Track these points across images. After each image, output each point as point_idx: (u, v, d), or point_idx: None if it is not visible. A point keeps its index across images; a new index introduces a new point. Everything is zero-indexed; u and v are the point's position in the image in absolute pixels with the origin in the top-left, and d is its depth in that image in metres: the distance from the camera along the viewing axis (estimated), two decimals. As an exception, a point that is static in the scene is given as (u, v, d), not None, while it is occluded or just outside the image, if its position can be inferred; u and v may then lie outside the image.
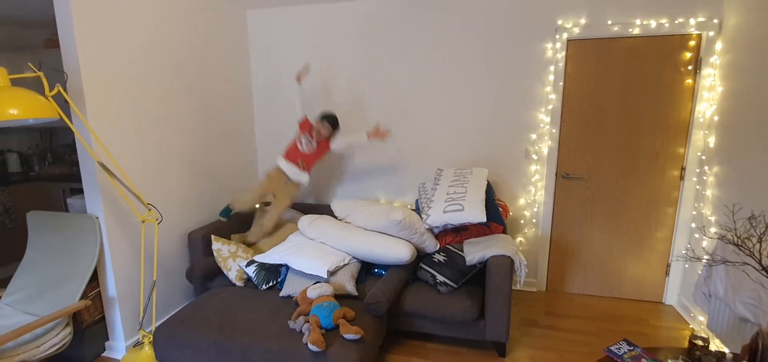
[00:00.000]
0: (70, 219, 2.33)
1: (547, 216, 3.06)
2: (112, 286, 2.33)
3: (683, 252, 2.86)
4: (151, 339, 2.32)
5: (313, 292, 2.25)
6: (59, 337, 2.10)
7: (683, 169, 2.81)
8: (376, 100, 3.20)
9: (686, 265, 2.85)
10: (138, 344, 2.44)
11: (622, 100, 2.82)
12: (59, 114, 1.96)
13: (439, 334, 2.42)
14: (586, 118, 2.90)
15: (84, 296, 2.20)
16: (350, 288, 2.39)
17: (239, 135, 3.35)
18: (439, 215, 2.43)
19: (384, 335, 2.31)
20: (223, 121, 3.15)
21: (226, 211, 2.88)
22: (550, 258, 3.15)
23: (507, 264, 2.21)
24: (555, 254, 3.14)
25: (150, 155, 2.52)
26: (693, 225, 2.79)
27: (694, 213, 2.79)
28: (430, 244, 2.52)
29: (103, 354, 2.45)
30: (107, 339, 2.45)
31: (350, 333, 1.96)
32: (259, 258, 2.61)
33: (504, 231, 2.59)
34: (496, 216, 2.51)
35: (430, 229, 2.56)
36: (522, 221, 3.10)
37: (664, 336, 2.60)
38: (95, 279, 2.35)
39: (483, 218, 2.31)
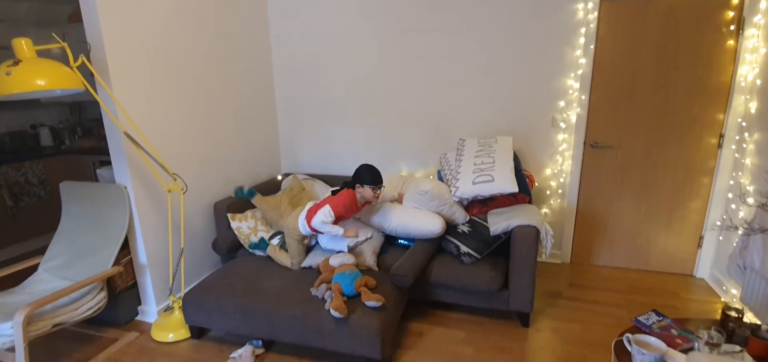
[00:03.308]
0: (100, 189, 2.40)
1: (574, 186, 2.96)
2: (142, 254, 2.41)
3: (718, 223, 2.74)
4: (181, 304, 2.40)
5: (335, 260, 2.27)
6: (95, 301, 2.19)
7: (721, 136, 2.66)
8: (396, 68, 3.12)
9: (720, 238, 2.74)
10: (168, 309, 2.53)
11: (658, 63, 2.66)
12: (84, 84, 1.99)
13: (461, 304, 2.41)
14: (619, 83, 2.75)
15: (116, 263, 2.28)
16: (371, 262, 2.40)
17: (261, 106, 3.34)
18: (468, 187, 2.37)
19: (405, 303, 2.32)
20: (245, 92, 3.14)
21: (249, 193, 2.69)
22: (575, 230, 3.07)
23: (532, 234, 2.16)
24: (581, 225, 3.06)
25: (174, 127, 2.54)
26: (730, 195, 2.66)
27: (731, 182, 2.65)
28: (460, 216, 2.48)
29: (136, 318, 2.56)
30: (140, 304, 2.55)
31: (372, 301, 1.98)
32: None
33: (530, 202, 2.53)
34: (523, 187, 2.44)
35: (460, 201, 2.51)
36: (548, 191, 3.02)
37: (694, 308, 2.53)
38: (126, 247, 2.43)
39: (514, 188, 2.24)
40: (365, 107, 3.28)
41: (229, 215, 2.68)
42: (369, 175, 2.25)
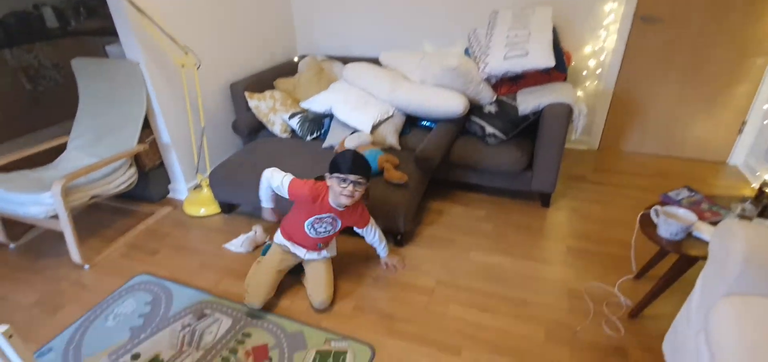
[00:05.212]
0: (113, 66, 2.32)
1: (615, 66, 2.72)
2: (165, 133, 2.42)
3: (766, 107, 2.54)
4: (208, 182, 2.47)
5: (350, 143, 2.23)
6: (126, 176, 2.27)
7: (794, 6, 2.32)
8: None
9: (765, 122, 2.55)
10: (197, 187, 2.62)
11: None
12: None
13: (483, 185, 2.41)
14: (683, -61, 2.34)
15: (140, 141, 2.30)
16: (392, 140, 2.35)
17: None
18: (498, 63, 2.18)
19: (427, 183, 2.33)
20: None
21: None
22: (608, 115, 2.91)
23: (564, 112, 2.04)
24: (615, 110, 2.89)
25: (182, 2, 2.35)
26: (788, 75, 2.41)
27: (793, 61, 2.38)
28: (487, 96, 2.33)
29: (168, 196, 2.67)
30: (169, 182, 2.64)
31: (395, 179, 1.98)
32: (304, 104, 2.58)
33: (565, 81, 2.35)
34: (560, 63, 2.23)
35: (488, 79, 2.34)
36: (584, 72, 2.79)
37: (722, 194, 2.46)
38: (149, 127, 2.43)
39: (551, 62, 2.04)
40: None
41: (246, 94, 2.61)
42: (340, 162, 1.51)
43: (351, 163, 1.49)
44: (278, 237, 1.79)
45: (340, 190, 1.52)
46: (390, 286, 1.83)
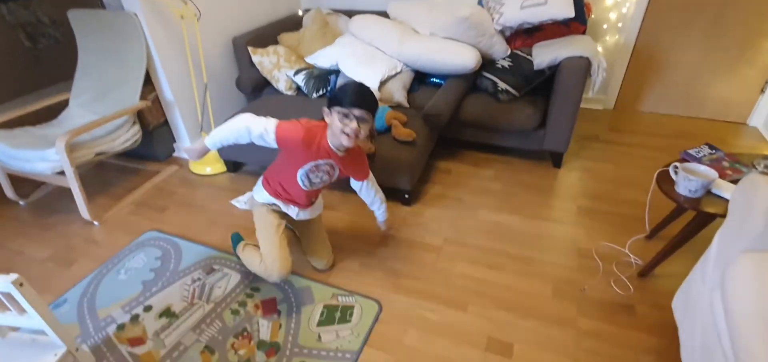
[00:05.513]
0: (110, 17, 2.24)
1: (637, 19, 2.57)
2: (167, 89, 2.36)
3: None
4: (213, 140, 2.43)
5: None
6: (130, 134, 2.25)
7: (838, -51, 2.14)
8: None
9: (793, 79, 2.43)
10: (202, 145, 2.59)
11: None
12: None
13: (493, 144, 2.35)
14: None
15: (143, 98, 2.25)
16: (400, 97, 2.28)
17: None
18: (515, 12, 2.06)
19: (435, 141, 2.28)
20: None
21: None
22: (627, 72, 2.78)
23: (582, 66, 1.94)
24: (634, 67, 2.75)
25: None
26: (823, 27, 2.26)
27: (830, 12, 2.22)
28: (500, 49, 2.22)
29: (174, 155, 2.65)
30: (174, 141, 2.62)
31: (402, 136, 1.93)
32: (309, 59, 2.49)
33: (584, 33, 2.23)
34: (580, 13, 2.10)
35: (502, 31, 2.22)
36: (604, 26, 2.65)
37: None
38: (151, 83, 2.38)
39: (571, 13, 1.93)
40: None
41: (249, 48, 2.52)
42: (342, 94, 1.27)
43: (355, 94, 1.25)
44: (262, 195, 1.52)
45: (341, 127, 1.26)
46: (397, 244, 1.83)
